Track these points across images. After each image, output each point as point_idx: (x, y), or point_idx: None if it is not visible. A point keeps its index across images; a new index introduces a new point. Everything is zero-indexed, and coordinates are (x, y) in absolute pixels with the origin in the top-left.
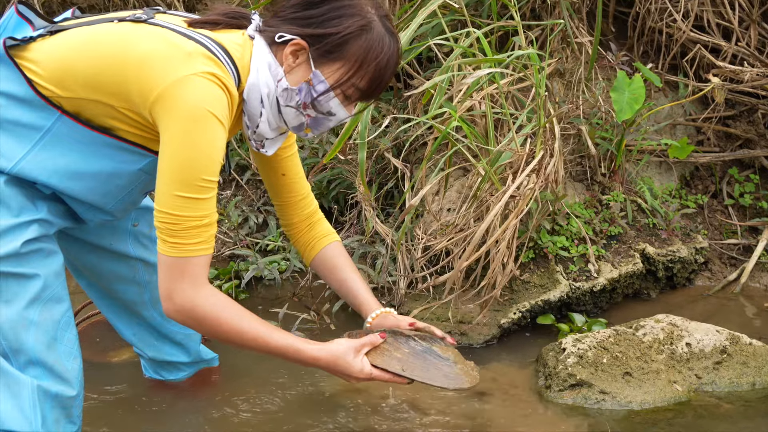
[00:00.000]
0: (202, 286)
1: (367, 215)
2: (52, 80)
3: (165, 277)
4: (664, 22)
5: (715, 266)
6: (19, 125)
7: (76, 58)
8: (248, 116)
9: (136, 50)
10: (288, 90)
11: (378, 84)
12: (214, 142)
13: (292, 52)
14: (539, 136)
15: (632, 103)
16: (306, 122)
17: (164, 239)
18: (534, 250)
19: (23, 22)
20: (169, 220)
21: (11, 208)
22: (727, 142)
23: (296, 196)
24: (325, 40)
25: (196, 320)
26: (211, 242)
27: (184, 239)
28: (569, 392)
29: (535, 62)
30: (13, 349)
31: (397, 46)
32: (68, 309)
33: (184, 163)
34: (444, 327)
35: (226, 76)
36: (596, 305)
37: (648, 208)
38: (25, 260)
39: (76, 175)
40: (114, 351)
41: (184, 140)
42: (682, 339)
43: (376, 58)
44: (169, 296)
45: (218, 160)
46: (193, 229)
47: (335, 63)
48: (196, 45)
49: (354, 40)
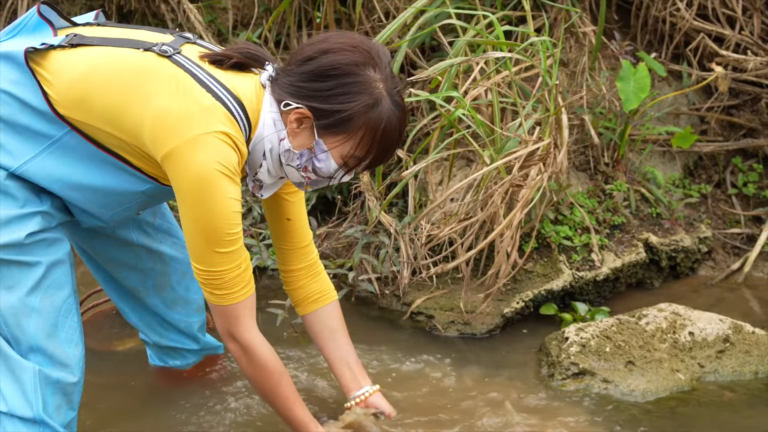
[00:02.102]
0: (255, 328)
1: (371, 205)
2: (68, 99)
3: (222, 323)
4: (667, 10)
5: (718, 256)
6: (30, 130)
7: (95, 88)
8: (249, 164)
9: (156, 98)
10: (290, 152)
11: (383, 157)
12: (228, 199)
13: (296, 119)
14: (549, 126)
15: (638, 92)
16: (306, 181)
17: (212, 292)
18: (537, 240)
19: (42, 22)
20: (211, 277)
21: (17, 198)
22: (731, 132)
23: (300, 243)
24: (330, 115)
25: (250, 361)
26: (252, 282)
27: (230, 289)
28: (572, 381)
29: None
30: (14, 336)
31: (403, 119)
32: (69, 296)
33: (203, 225)
34: (447, 316)
35: (238, 135)
36: (599, 295)
37: (651, 198)
38: (27, 250)
39: (78, 186)
40: (119, 340)
41: (200, 204)
42: (685, 328)
43: (382, 134)
44: (231, 337)
45: (235, 213)
46: (236, 278)
47: (339, 136)
48: (213, 100)
49: (360, 117)
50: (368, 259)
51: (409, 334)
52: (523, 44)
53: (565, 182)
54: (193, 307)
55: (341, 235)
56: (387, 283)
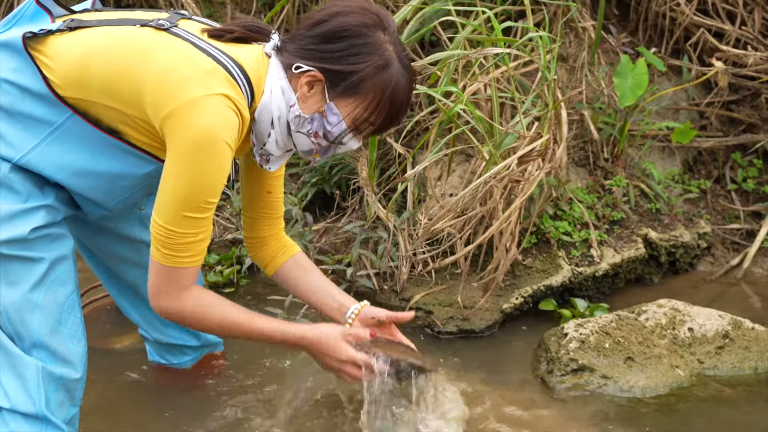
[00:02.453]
0: (187, 289)
1: (369, 200)
2: (68, 80)
3: (154, 279)
4: (667, 5)
5: (717, 251)
6: (31, 118)
7: (95, 63)
8: (256, 135)
9: (155, 62)
10: (300, 117)
11: (392, 120)
12: (221, 167)
13: (307, 83)
14: (548, 120)
15: (635, 89)
16: (316, 149)
17: (158, 248)
18: (536, 235)
19: (41, 11)
20: (166, 234)
21: (20, 193)
22: (731, 127)
23: (275, 213)
24: (341, 76)
25: (181, 320)
26: (202, 254)
27: (179, 252)
28: (571, 377)
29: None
30: (18, 332)
31: (412, 82)
32: (73, 292)
33: (189, 185)
34: (446, 312)
35: (240, 99)
36: (598, 290)
37: (651, 193)
38: (31, 245)
39: (82, 172)
40: (117, 337)
41: (191, 164)
42: (684, 324)
43: (391, 97)
44: (156, 298)
45: (222, 183)
46: (189, 244)
47: (350, 98)
48: (215, 64)
49: (371, 78)
50: (367, 255)
51: (408, 330)
52: (521, 40)
53: (564, 177)
54: None
55: (340, 231)
56: (385, 278)
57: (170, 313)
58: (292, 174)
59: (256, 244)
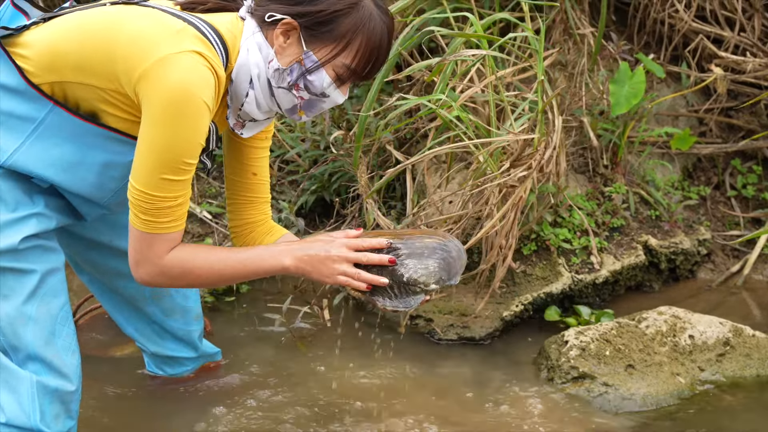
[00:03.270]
0: (166, 254)
1: (368, 208)
2: (42, 65)
3: (134, 247)
4: (666, 12)
5: (717, 258)
6: (12, 117)
7: (66, 40)
8: (232, 96)
9: (125, 29)
10: (279, 71)
11: (370, 63)
12: (197, 126)
13: (282, 32)
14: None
15: (630, 98)
16: (299, 104)
17: (136, 214)
18: (536, 243)
19: (18, 13)
20: (144, 199)
21: (7, 202)
22: (730, 133)
23: (261, 197)
24: (315, 18)
25: (169, 280)
26: (182, 220)
27: (158, 218)
28: (572, 385)
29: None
30: (12, 345)
31: (390, 24)
32: (66, 303)
33: (165, 145)
34: (446, 320)
35: (213, 56)
36: (599, 297)
37: (651, 200)
38: (22, 256)
39: (70, 166)
40: (116, 345)
41: (166, 122)
42: (685, 331)
43: (366, 36)
44: (136, 266)
45: (200, 143)
46: (167, 209)
47: (325, 42)
48: (185, 24)
49: (344, 17)
50: None
51: (408, 337)
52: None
53: (563, 184)
54: (191, 314)
55: None
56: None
57: (153, 279)
58: (292, 182)
59: (243, 231)
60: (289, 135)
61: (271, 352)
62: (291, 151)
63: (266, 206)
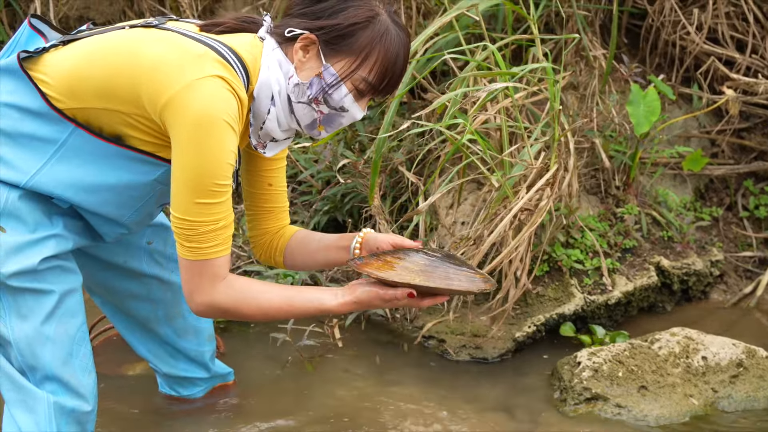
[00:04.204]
0: (219, 282)
1: (382, 228)
2: (63, 90)
3: (186, 278)
4: (677, 34)
5: (730, 279)
6: (34, 139)
7: (87, 66)
8: (254, 114)
9: (147, 55)
10: (299, 85)
11: (388, 77)
12: (225, 146)
13: (302, 47)
14: (554, 149)
15: (648, 116)
16: (319, 119)
17: (182, 243)
18: (548, 263)
19: (36, 35)
20: (185, 226)
21: (27, 223)
22: (742, 155)
23: (277, 206)
24: (333, 32)
25: (221, 314)
26: (227, 243)
27: (201, 243)
28: (585, 406)
29: (550, 76)
30: (30, 365)
31: (406, 40)
32: (83, 323)
33: (195, 169)
34: (458, 340)
35: (234, 79)
36: (611, 318)
37: (663, 221)
38: (41, 276)
39: (92, 187)
40: (130, 364)
41: (194, 147)
42: (698, 352)
43: (384, 49)
44: (191, 297)
45: (230, 163)
46: (210, 233)
47: (344, 56)
48: (206, 48)
49: (361, 30)
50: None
51: (420, 357)
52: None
53: (575, 205)
54: (204, 335)
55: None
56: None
57: (206, 308)
58: (305, 202)
59: (262, 240)
60: (302, 156)
61: (284, 372)
62: (304, 172)
63: (284, 214)
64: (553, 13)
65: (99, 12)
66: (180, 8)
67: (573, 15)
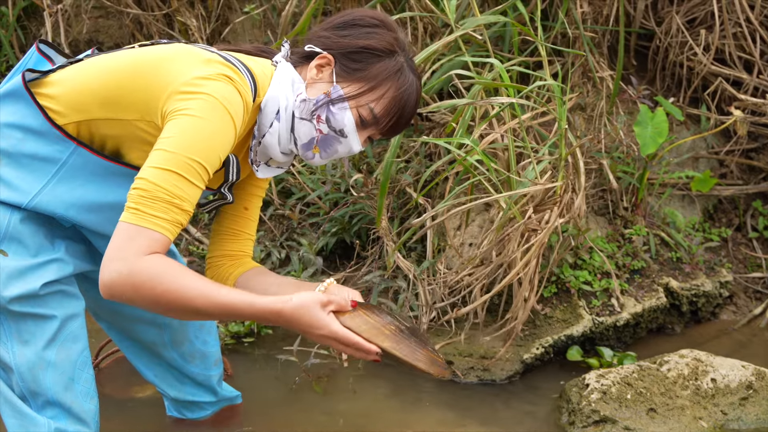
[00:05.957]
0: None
1: (389, 250)
2: (68, 103)
3: (114, 243)
4: (684, 55)
5: (740, 300)
6: (36, 159)
7: (94, 78)
8: (258, 126)
9: (154, 58)
10: (306, 101)
11: (394, 115)
12: (220, 134)
13: (317, 66)
14: (561, 168)
15: (655, 137)
16: (317, 138)
17: (129, 206)
18: (556, 285)
19: (43, 59)
20: (141, 186)
21: (29, 247)
22: (751, 175)
23: (245, 232)
24: (350, 53)
25: (131, 289)
26: (173, 228)
27: (148, 209)
28: (593, 429)
29: (557, 93)
30: (31, 391)
31: (419, 86)
32: (85, 348)
33: (182, 140)
34: (466, 362)
35: (242, 82)
36: (620, 340)
37: (671, 242)
38: (43, 301)
39: (93, 206)
40: (138, 387)
41: (191, 120)
42: (707, 374)
43: (396, 86)
44: (108, 262)
45: (218, 152)
46: (161, 202)
47: (355, 80)
48: (213, 54)
49: (377, 59)
50: (386, 304)
51: (429, 379)
52: (531, 86)
53: (584, 226)
54: (211, 360)
55: (359, 281)
56: None
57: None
58: (312, 224)
59: (218, 262)
60: (309, 178)
61: (291, 394)
62: (312, 194)
63: (248, 243)
64: (560, 35)
65: (108, 35)
66: (189, 31)
67: (579, 37)
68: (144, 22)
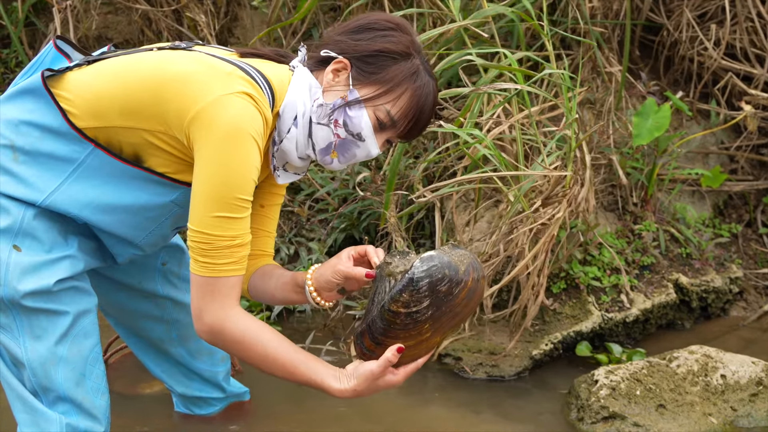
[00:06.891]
0: (231, 307)
1: (398, 245)
2: (86, 109)
3: (196, 296)
4: (695, 50)
5: (750, 296)
6: (53, 158)
7: (113, 85)
8: (278, 131)
9: (174, 71)
10: (323, 106)
11: (412, 118)
12: (249, 161)
13: (333, 70)
14: (570, 159)
15: (652, 130)
16: (335, 143)
17: (196, 258)
18: (565, 281)
19: (60, 56)
20: (201, 239)
21: (43, 242)
22: (761, 171)
23: (262, 230)
24: (366, 57)
25: (224, 343)
26: (243, 263)
27: (216, 259)
28: (602, 425)
29: (566, 82)
30: (43, 386)
31: (435, 88)
32: (97, 344)
33: (217, 181)
34: (475, 358)
35: (261, 97)
36: (629, 336)
37: (681, 238)
38: (56, 297)
39: (108, 207)
40: (146, 383)
41: (220, 160)
42: (716, 370)
43: (412, 90)
44: (200, 316)
45: (252, 179)
46: (225, 249)
47: (371, 83)
48: (233, 67)
49: (393, 62)
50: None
51: (437, 375)
52: (540, 74)
53: (593, 222)
54: (217, 356)
55: None
56: None
57: (214, 331)
58: (321, 220)
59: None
60: (318, 174)
61: (299, 390)
62: (321, 190)
63: (268, 240)
64: (570, 30)
65: (117, 31)
66: (197, 27)
67: (588, 32)
68: (153, 18)
